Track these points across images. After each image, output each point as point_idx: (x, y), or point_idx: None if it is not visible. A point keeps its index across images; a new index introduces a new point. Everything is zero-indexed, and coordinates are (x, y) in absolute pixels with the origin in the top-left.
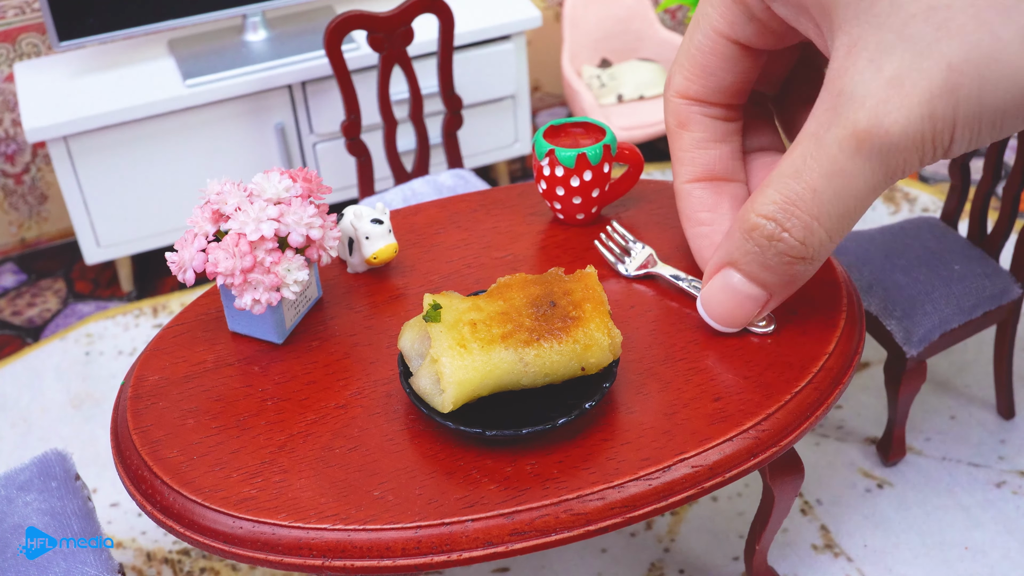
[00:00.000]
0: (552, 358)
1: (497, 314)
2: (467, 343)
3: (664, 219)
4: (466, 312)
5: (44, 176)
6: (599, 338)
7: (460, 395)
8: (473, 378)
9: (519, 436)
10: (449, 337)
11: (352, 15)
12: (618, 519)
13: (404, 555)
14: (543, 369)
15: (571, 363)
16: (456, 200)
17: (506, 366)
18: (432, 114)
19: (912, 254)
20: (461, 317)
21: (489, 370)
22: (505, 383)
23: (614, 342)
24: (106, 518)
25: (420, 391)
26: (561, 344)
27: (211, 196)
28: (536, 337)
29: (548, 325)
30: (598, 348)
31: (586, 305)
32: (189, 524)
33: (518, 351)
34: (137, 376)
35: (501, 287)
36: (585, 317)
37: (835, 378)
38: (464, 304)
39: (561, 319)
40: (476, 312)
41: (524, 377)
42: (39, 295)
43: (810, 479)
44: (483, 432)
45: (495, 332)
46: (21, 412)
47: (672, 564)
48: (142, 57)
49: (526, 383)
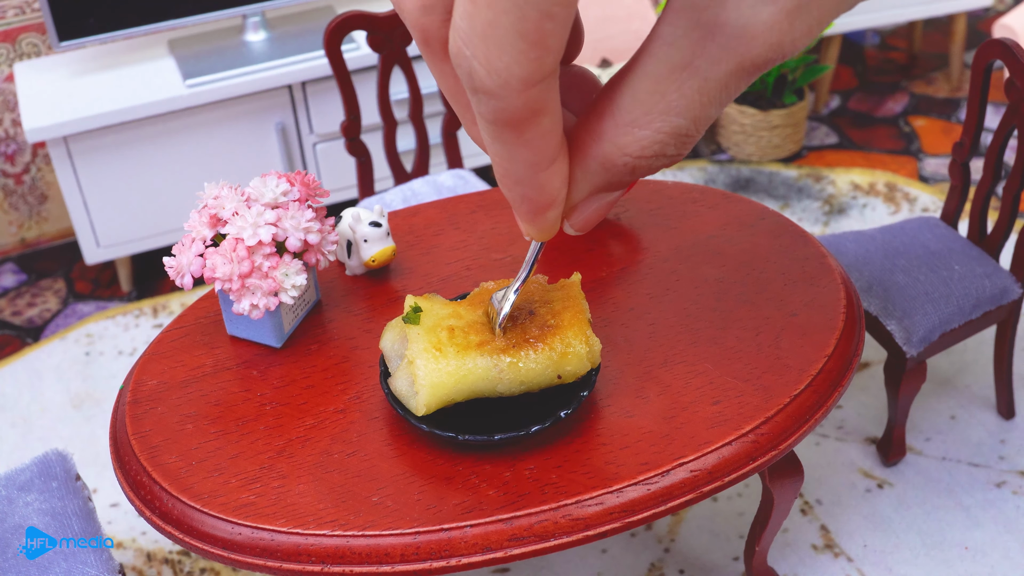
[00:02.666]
0: (528, 366)
1: (475, 322)
2: (443, 347)
3: (664, 219)
4: (445, 318)
5: (44, 176)
6: (576, 346)
7: (433, 398)
8: (446, 382)
9: (491, 442)
10: (426, 340)
11: (352, 15)
12: (617, 524)
13: (403, 561)
14: (518, 376)
15: (547, 371)
16: (455, 201)
17: (481, 372)
18: (432, 114)
19: (912, 254)
20: (440, 322)
21: (463, 375)
22: (480, 389)
23: (592, 350)
24: (106, 518)
25: (397, 392)
26: (537, 352)
27: (208, 200)
28: (512, 344)
29: (524, 334)
30: (575, 356)
31: (565, 314)
32: (188, 530)
33: (494, 358)
34: (136, 381)
35: (483, 293)
36: (563, 325)
37: (835, 380)
38: (445, 310)
39: (539, 327)
40: (455, 319)
41: (499, 384)
42: (39, 295)
43: (810, 479)
44: (456, 436)
45: (472, 339)
46: (21, 412)
47: (672, 564)
48: (142, 57)
49: (502, 390)
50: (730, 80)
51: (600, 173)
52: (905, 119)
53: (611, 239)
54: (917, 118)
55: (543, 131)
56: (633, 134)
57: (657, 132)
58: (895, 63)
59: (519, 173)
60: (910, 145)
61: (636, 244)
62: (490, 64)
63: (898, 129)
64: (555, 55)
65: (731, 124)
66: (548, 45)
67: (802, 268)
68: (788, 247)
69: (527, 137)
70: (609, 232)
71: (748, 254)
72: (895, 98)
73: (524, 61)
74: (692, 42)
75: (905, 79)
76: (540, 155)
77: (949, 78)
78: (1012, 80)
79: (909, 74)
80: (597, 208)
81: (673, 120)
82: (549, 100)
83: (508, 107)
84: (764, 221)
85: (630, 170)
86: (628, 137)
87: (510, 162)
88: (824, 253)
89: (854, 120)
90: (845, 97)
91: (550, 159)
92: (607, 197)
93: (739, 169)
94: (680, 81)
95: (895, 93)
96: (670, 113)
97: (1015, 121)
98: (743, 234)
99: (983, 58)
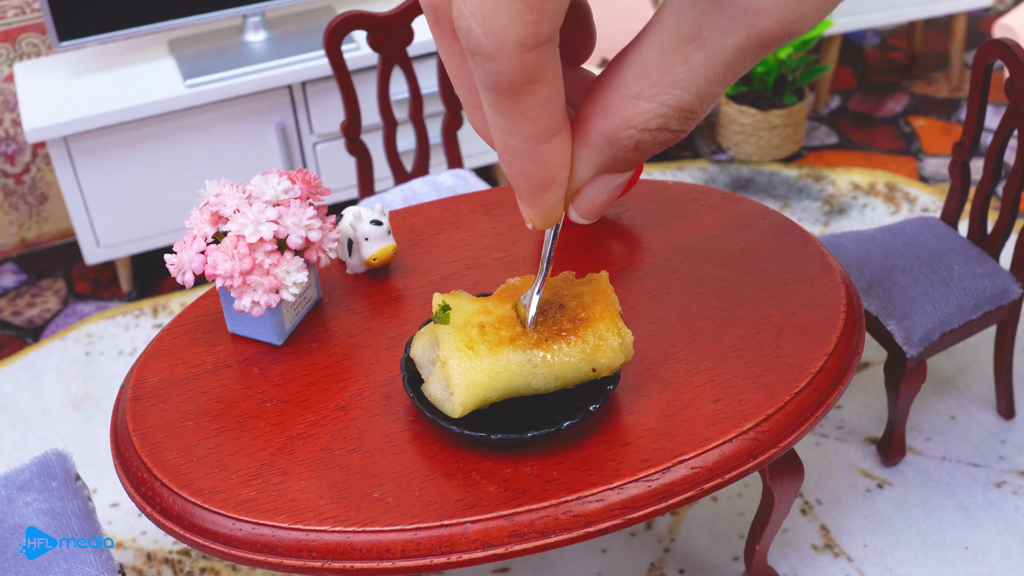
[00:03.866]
0: (562, 359)
1: (505, 317)
2: (475, 345)
3: (664, 219)
4: (475, 315)
5: (44, 176)
6: (609, 338)
7: (469, 398)
8: (482, 380)
9: (524, 440)
10: (457, 339)
11: (352, 15)
12: (618, 520)
13: (404, 557)
14: (553, 371)
15: (581, 364)
16: (456, 200)
17: (515, 368)
18: (432, 114)
19: (912, 254)
20: (470, 320)
21: (498, 372)
22: (515, 386)
23: (625, 342)
24: (106, 518)
25: (432, 397)
26: (571, 346)
27: (210, 198)
28: (545, 339)
29: (557, 327)
30: (608, 348)
31: (596, 307)
32: (189, 526)
33: (527, 353)
34: (137, 378)
35: (510, 288)
36: (594, 318)
37: (835, 379)
38: (473, 306)
39: (570, 321)
40: (484, 315)
41: (534, 379)
42: (39, 295)
43: (810, 479)
44: (488, 436)
45: (503, 335)
46: (21, 412)
47: (672, 564)
48: (142, 57)
49: (537, 386)
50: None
51: (604, 149)
52: (905, 119)
53: (611, 238)
54: (917, 118)
55: (541, 100)
56: (638, 106)
57: (662, 105)
58: (895, 63)
59: (518, 146)
60: (910, 145)
61: (636, 243)
62: (487, 24)
63: (898, 129)
64: (553, 21)
65: (731, 124)
66: (546, 9)
67: (802, 267)
68: (788, 246)
69: (525, 106)
70: (610, 231)
71: (748, 253)
72: (895, 98)
73: (521, 23)
74: (700, 12)
75: (905, 79)
76: (539, 126)
77: (949, 78)
78: (1012, 80)
79: (909, 74)
80: (602, 193)
81: (678, 94)
82: (547, 69)
83: (504, 71)
84: (764, 221)
85: (634, 144)
86: (633, 110)
87: (509, 134)
88: (824, 252)
89: (854, 120)
90: (845, 97)
91: (549, 132)
92: (612, 180)
93: (739, 169)
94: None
95: (895, 93)
96: (675, 86)
97: (1015, 121)
98: (743, 233)
99: (983, 58)
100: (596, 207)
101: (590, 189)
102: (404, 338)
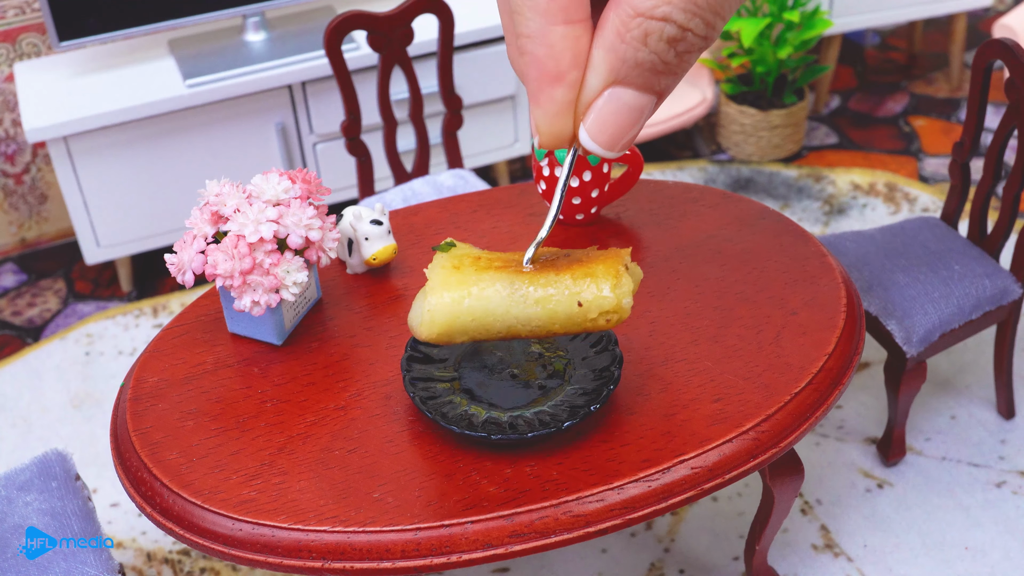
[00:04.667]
0: (545, 286)
1: (507, 259)
2: (463, 267)
3: (664, 218)
4: (473, 251)
5: (44, 176)
6: (601, 275)
7: (441, 308)
8: (458, 296)
9: (524, 440)
10: (447, 259)
11: (352, 15)
12: (618, 520)
13: (403, 557)
14: (534, 297)
15: (565, 294)
16: (456, 200)
17: (495, 291)
18: (432, 114)
19: (912, 254)
20: (469, 252)
21: (477, 291)
22: (494, 309)
23: (619, 284)
24: (106, 518)
25: (410, 323)
26: (558, 275)
27: (210, 197)
28: (535, 271)
29: (553, 267)
30: (597, 284)
31: (601, 256)
32: (189, 526)
33: (511, 276)
34: (136, 378)
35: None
36: (593, 260)
37: (835, 379)
38: (476, 250)
39: (567, 262)
40: (487, 254)
41: (514, 306)
42: (39, 295)
43: (810, 479)
44: (488, 436)
45: (496, 265)
46: (21, 412)
47: (672, 564)
48: (142, 57)
49: (518, 314)
50: None
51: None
52: (905, 119)
53: (611, 238)
54: (917, 118)
55: None
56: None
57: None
58: (895, 63)
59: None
60: (910, 145)
61: (636, 243)
62: None
63: (898, 129)
64: None
65: (731, 124)
66: None
67: (802, 267)
68: (788, 246)
69: None
70: (610, 231)
71: (748, 253)
72: (895, 98)
73: None
74: None
75: (905, 79)
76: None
77: (949, 78)
78: (1012, 80)
79: (909, 74)
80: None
81: None
82: None
83: None
84: (764, 220)
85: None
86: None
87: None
88: (824, 252)
89: (854, 120)
90: (845, 97)
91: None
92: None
93: (739, 169)
94: None
95: (895, 93)
96: None
97: (1015, 121)
98: (743, 233)
99: (983, 58)
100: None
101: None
102: (404, 338)
